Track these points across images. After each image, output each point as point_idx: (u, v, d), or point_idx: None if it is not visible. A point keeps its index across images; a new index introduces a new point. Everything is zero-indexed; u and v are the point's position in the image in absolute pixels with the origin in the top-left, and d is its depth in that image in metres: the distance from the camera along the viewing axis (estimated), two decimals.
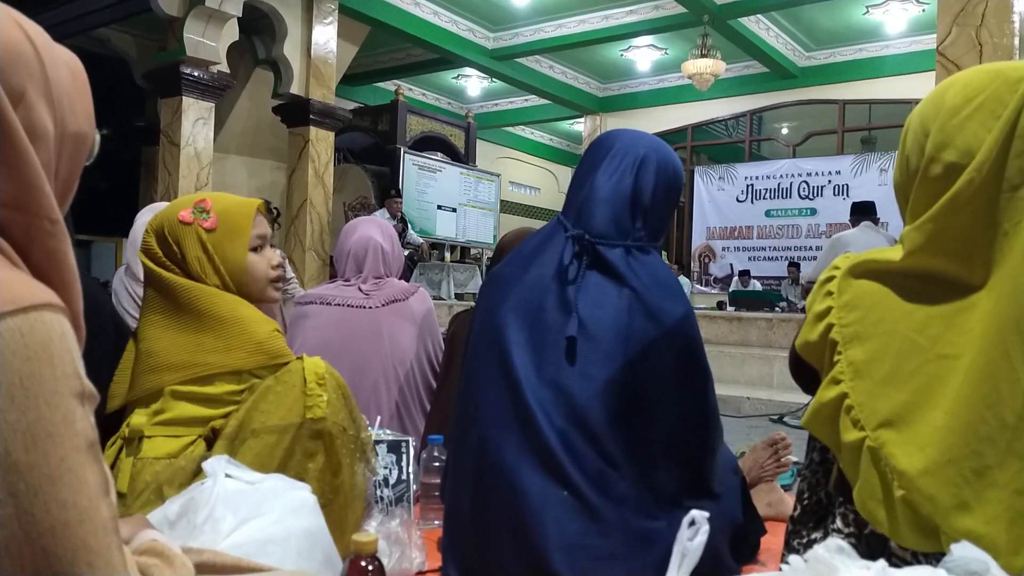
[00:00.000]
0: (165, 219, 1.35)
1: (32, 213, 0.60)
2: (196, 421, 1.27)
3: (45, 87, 0.63)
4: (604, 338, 1.24)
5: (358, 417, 1.38)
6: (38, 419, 0.54)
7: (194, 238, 1.32)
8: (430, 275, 9.22)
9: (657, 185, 1.35)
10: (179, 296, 1.29)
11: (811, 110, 11.36)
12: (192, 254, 1.32)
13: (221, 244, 1.34)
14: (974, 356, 0.89)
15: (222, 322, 1.27)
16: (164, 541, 0.79)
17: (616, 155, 1.36)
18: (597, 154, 1.38)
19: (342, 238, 2.32)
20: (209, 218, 1.34)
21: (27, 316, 0.55)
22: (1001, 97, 0.91)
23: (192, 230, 1.32)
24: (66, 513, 0.55)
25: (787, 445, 1.88)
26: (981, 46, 4.97)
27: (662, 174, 1.36)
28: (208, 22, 6.90)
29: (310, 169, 8.08)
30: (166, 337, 1.28)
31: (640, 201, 1.33)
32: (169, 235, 1.33)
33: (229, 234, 1.34)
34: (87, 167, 0.71)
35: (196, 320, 1.28)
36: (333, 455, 1.30)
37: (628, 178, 1.34)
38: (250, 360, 1.28)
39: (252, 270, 1.36)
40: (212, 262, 1.32)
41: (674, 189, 1.38)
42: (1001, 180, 0.90)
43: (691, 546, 0.90)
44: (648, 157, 1.35)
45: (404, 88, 11.01)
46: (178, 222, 1.33)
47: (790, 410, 4.93)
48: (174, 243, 1.32)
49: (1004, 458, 0.85)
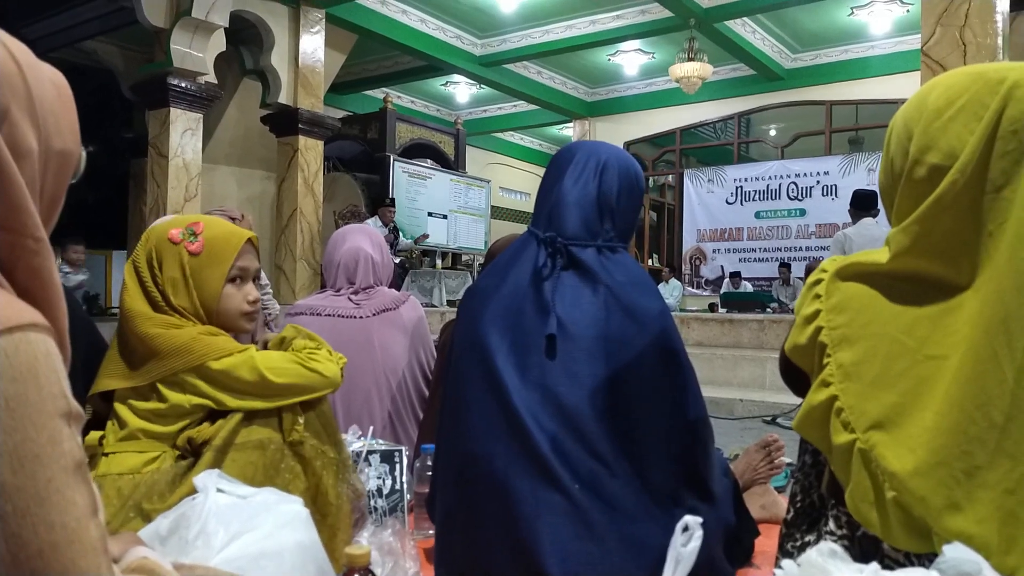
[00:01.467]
0: (158, 232, 1.38)
1: (16, 232, 0.60)
2: (155, 436, 1.29)
3: (29, 105, 0.63)
4: (584, 336, 1.26)
5: (338, 439, 1.40)
6: (24, 440, 0.54)
7: (175, 259, 1.35)
8: (422, 282, 9.22)
9: (621, 187, 1.40)
10: (125, 320, 1.33)
11: (798, 111, 11.42)
12: (168, 273, 1.34)
13: (200, 270, 1.35)
14: (962, 356, 0.89)
15: (152, 337, 1.30)
16: (155, 558, 0.78)
17: (578, 163, 1.41)
18: (561, 164, 1.44)
19: (330, 248, 2.31)
20: (196, 242, 1.36)
21: (12, 337, 0.55)
22: (982, 99, 0.92)
23: (176, 251, 1.35)
24: (54, 534, 0.54)
25: (780, 447, 1.89)
26: (965, 46, 5.01)
27: (624, 177, 1.41)
28: (195, 33, 6.89)
29: (299, 178, 8.08)
30: (114, 358, 1.33)
31: (606, 203, 1.38)
32: (155, 248, 1.36)
33: (210, 261, 1.36)
34: (74, 181, 0.71)
35: (135, 342, 1.32)
36: (313, 476, 1.33)
37: (593, 182, 1.39)
38: (177, 363, 1.29)
39: (225, 301, 1.38)
40: (187, 285, 1.34)
41: (636, 190, 1.44)
42: (984, 181, 0.90)
43: (685, 552, 0.90)
44: (609, 162, 1.41)
45: (393, 96, 11.03)
46: (166, 239, 1.36)
47: (783, 411, 4.94)
48: (156, 258, 1.35)
49: (994, 458, 0.85)
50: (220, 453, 1.26)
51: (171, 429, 1.29)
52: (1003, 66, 0.95)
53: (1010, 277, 0.87)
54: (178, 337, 1.30)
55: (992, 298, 0.88)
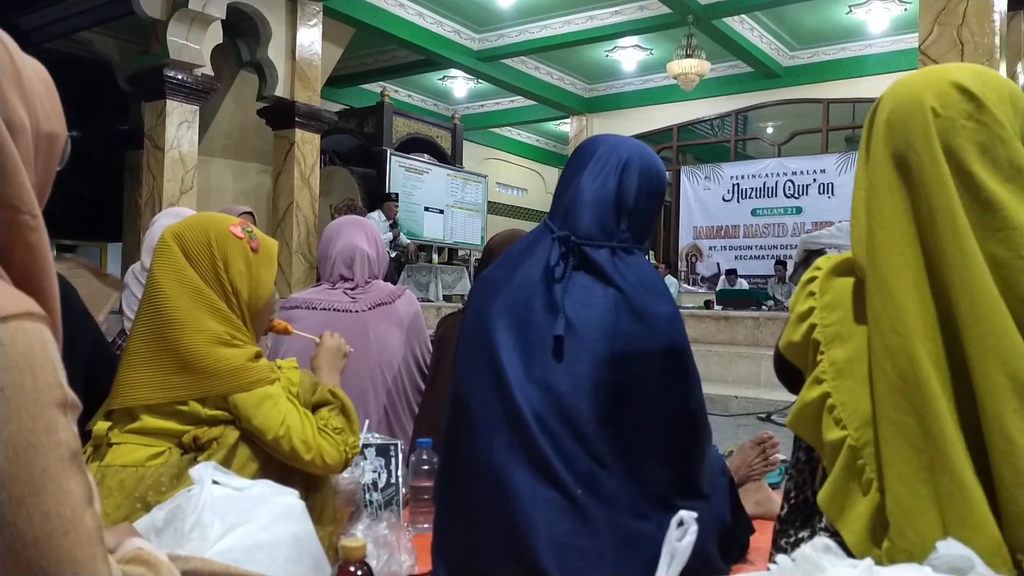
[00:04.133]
0: (212, 228, 1.36)
1: (14, 208, 0.60)
2: (166, 433, 1.28)
3: (18, 84, 0.63)
4: (591, 337, 1.25)
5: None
6: (20, 429, 0.54)
7: (241, 253, 1.36)
8: (418, 277, 9.21)
9: (640, 187, 1.37)
10: (166, 327, 1.28)
11: (795, 109, 11.43)
12: (236, 268, 1.35)
13: (259, 267, 1.38)
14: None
15: (199, 354, 1.28)
16: (150, 549, 0.78)
17: (600, 159, 1.38)
18: (582, 158, 1.41)
19: (325, 241, 2.30)
20: (255, 240, 1.39)
21: (7, 325, 0.55)
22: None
23: (241, 245, 1.37)
24: (50, 524, 0.54)
25: (775, 444, 1.89)
26: (962, 45, 5.02)
27: (645, 177, 1.38)
28: (191, 25, 6.86)
29: (296, 172, 8.05)
30: (147, 367, 1.29)
31: (624, 203, 1.35)
32: (216, 244, 1.35)
33: (266, 260, 1.40)
34: (69, 171, 0.71)
35: (175, 352, 1.28)
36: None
37: (612, 181, 1.36)
38: (224, 387, 1.29)
39: (271, 303, 1.43)
40: (250, 280, 1.36)
41: (657, 192, 1.41)
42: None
43: (680, 547, 0.90)
44: (631, 160, 1.38)
45: (390, 90, 10.99)
46: (230, 234, 1.36)
47: (777, 408, 4.96)
48: (219, 253, 1.34)
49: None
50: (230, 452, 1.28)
51: (184, 428, 1.29)
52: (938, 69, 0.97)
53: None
54: (228, 360, 1.29)
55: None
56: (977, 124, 0.89)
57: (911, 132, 0.91)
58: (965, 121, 0.89)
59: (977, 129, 0.88)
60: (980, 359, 0.82)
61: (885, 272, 0.91)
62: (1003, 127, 0.88)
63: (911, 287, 0.89)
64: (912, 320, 0.87)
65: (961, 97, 0.90)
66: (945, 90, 0.91)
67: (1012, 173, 0.87)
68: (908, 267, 0.89)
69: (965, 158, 0.88)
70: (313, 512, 1.29)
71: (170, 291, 1.30)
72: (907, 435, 0.85)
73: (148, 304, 1.32)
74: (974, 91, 0.89)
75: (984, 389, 0.81)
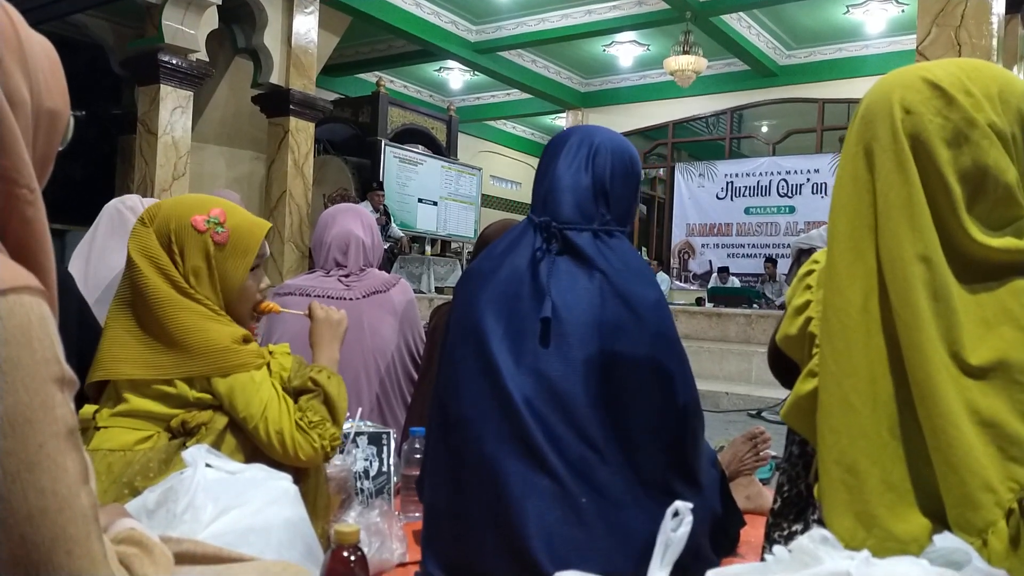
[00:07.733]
0: (174, 219, 1.32)
1: (12, 181, 0.59)
2: (153, 416, 1.27)
3: (21, 58, 0.62)
4: (579, 321, 1.27)
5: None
6: (16, 405, 0.53)
7: (200, 248, 1.30)
8: (410, 268, 9.19)
9: (614, 171, 1.40)
10: (150, 304, 1.27)
11: (791, 108, 11.45)
12: (191, 263, 1.30)
13: (225, 261, 1.32)
14: None
15: (185, 331, 1.26)
16: (142, 530, 0.78)
17: (572, 147, 1.41)
18: (555, 149, 1.44)
19: (320, 228, 2.29)
20: (223, 232, 1.32)
21: (5, 299, 0.54)
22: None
23: (202, 240, 1.30)
24: (44, 500, 0.54)
25: (766, 439, 1.90)
26: (960, 46, 5.03)
27: (618, 159, 1.41)
28: (187, 9, 6.81)
29: (290, 160, 8.01)
30: (130, 342, 1.27)
31: (600, 186, 1.38)
32: (175, 236, 1.30)
33: (235, 252, 1.33)
34: (62, 154, 0.70)
35: (160, 329, 1.26)
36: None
37: (586, 166, 1.39)
38: (208, 368, 1.27)
39: (244, 292, 1.36)
40: (211, 276, 1.31)
41: (632, 173, 1.43)
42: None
43: (675, 537, 0.90)
44: (603, 145, 1.41)
45: (386, 80, 10.94)
46: (190, 226, 1.30)
47: (768, 405, 4.98)
48: (177, 246, 1.30)
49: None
50: (218, 438, 1.26)
51: (172, 412, 1.27)
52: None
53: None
54: (215, 341, 1.26)
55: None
56: (944, 120, 0.89)
57: (879, 127, 0.92)
58: (933, 117, 0.89)
59: (944, 125, 0.89)
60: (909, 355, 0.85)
61: (838, 262, 0.92)
62: (973, 124, 0.88)
63: (858, 279, 0.90)
64: (857, 314, 0.89)
65: (932, 93, 0.90)
66: (916, 86, 0.91)
67: (975, 172, 0.88)
68: (861, 260, 0.90)
69: (932, 153, 0.88)
70: (305, 500, 1.28)
71: (146, 271, 1.28)
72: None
73: (130, 281, 1.30)
74: (945, 87, 0.90)
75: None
